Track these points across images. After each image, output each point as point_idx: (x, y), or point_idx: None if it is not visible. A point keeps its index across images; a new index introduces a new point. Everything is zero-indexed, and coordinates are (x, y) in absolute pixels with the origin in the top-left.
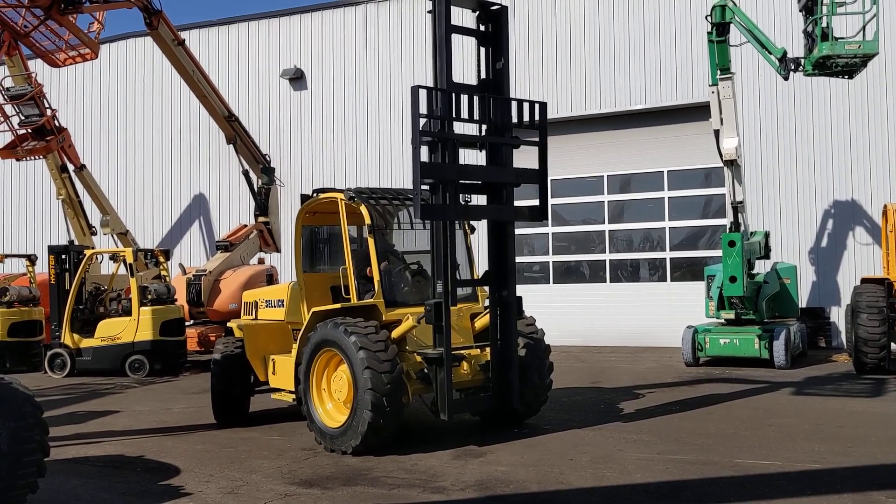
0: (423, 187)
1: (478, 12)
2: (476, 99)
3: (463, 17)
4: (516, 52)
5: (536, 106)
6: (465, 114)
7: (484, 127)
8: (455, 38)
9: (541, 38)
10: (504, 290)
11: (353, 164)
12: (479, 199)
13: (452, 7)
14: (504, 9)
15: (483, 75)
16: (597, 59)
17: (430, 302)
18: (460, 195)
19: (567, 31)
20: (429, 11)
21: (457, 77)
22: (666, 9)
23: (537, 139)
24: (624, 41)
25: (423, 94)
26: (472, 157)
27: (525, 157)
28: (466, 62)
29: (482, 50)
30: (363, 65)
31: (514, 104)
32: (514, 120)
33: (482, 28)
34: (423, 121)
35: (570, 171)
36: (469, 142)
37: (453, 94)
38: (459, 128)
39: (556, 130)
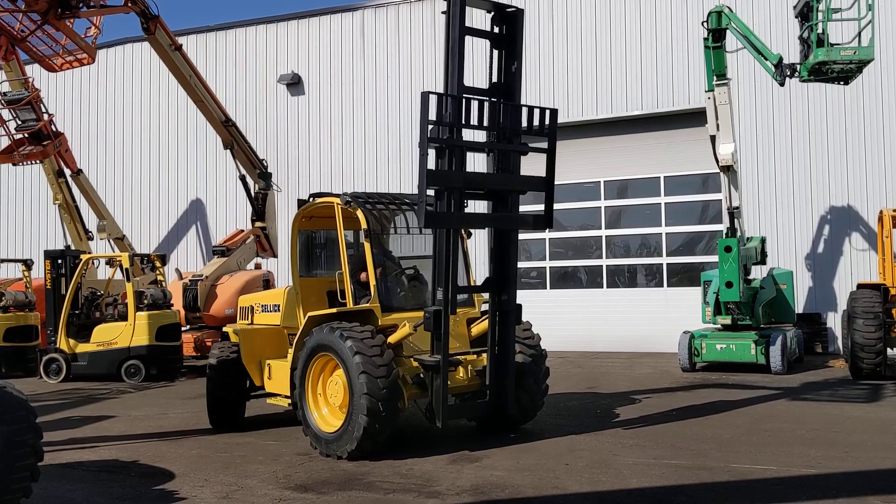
0: (429, 193)
1: (492, 14)
2: (486, 105)
3: (474, 18)
4: None
5: (547, 112)
6: (474, 119)
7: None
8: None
9: (538, 43)
10: (504, 297)
11: (349, 169)
12: (478, 205)
13: (467, 8)
14: (520, 11)
15: (495, 79)
16: (594, 64)
17: (430, 309)
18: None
19: (564, 36)
20: (443, 12)
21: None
22: (662, 15)
23: (545, 146)
24: (621, 47)
25: (433, 99)
26: (474, 160)
27: (530, 163)
28: (474, 64)
29: (496, 53)
30: (360, 70)
31: (524, 110)
32: (524, 126)
33: (496, 30)
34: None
35: (567, 177)
36: (477, 148)
37: (463, 100)
38: (467, 133)
39: None
